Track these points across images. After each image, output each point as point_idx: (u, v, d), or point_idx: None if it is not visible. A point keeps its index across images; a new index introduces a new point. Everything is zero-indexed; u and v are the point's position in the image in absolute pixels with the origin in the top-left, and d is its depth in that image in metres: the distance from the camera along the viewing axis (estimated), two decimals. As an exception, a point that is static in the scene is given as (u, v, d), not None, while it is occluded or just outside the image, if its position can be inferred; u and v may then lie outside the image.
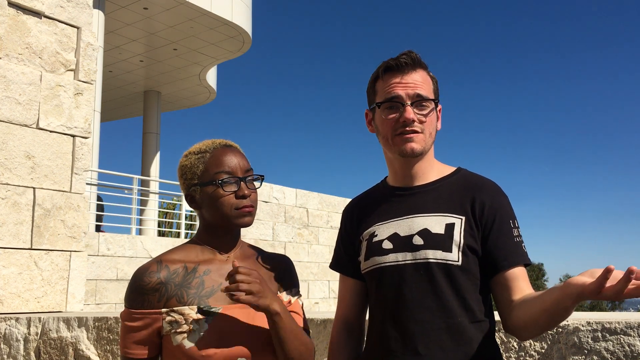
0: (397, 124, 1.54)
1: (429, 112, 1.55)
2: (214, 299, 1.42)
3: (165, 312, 1.39)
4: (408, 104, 1.53)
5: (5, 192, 4.47)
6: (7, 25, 4.58)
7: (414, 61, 1.56)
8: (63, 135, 4.91)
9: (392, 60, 1.57)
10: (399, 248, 1.52)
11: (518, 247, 1.49)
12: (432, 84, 1.60)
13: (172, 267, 1.44)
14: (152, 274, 1.41)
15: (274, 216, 12.37)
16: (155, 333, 1.40)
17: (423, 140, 1.55)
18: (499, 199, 1.54)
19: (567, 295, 1.23)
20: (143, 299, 1.40)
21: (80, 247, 4.96)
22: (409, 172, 1.60)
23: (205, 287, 1.43)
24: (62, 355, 3.79)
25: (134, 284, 1.42)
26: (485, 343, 1.48)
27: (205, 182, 1.46)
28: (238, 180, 1.47)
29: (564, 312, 1.29)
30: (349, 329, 1.69)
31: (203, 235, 1.52)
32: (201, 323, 1.37)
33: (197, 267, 1.46)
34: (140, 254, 9.99)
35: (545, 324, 1.36)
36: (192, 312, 1.38)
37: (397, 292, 1.50)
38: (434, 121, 1.58)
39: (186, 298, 1.40)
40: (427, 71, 1.60)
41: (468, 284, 1.48)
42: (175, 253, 1.49)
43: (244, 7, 17.28)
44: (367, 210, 1.67)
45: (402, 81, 1.55)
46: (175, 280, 1.41)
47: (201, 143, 1.53)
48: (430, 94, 1.57)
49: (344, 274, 1.71)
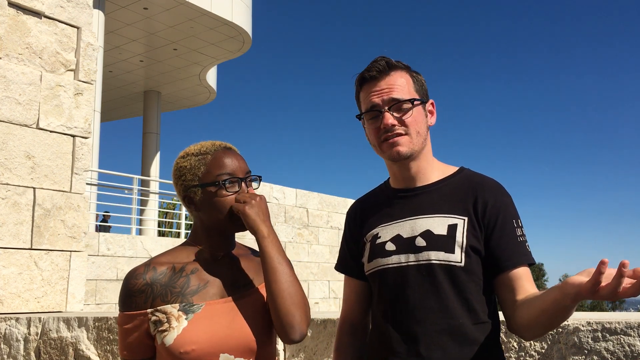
0: (380, 131, 1.55)
1: (408, 113, 1.54)
2: (198, 297, 1.43)
3: (150, 312, 1.40)
4: (385, 110, 1.53)
5: (5, 192, 4.47)
6: (7, 25, 4.58)
7: (385, 66, 1.57)
8: (63, 135, 4.91)
9: (365, 70, 1.59)
10: (401, 250, 1.52)
11: (521, 247, 1.48)
12: (412, 83, 1.58)
13: (160, 268, 1.45)
14: (138, 276, 1.43)
15: (274, 216, 12.37)
16: (145, 334, 1.42)
17: (409, 141, 1.54)
18: (502, 199, 1.54)
19: (565, 295, 1.23)
20: (131, 301, 1.42)
21: (80, 247, 4.96)
22: (408, 174, 1.60)
23: (190, 285, 1.44)
24: (62, 355, 3.79)
25: (123, 287, 1.45)
26: (488, 345, 1.48)
27: (206, 183, 1.47)
28: (239, 180, 1.48)
29: (564, 311, 1.29)
30: (354, 330, 1.69)
31: (199, 237, 1.53)
32: (181, 320, 1.38)
33: (184, 267, 1.47)
34: (140, 254, 9.99)
35: (547, 323, 1.36)
36: (174, 310, 1.39)
37: (399, 293, 1.50)
38: (419, 120, 1.56)
39: (169, 297, 1.41)
40: (405, 71, 1.59)
41: (471, 285, 1.48)
42: (165, 255, 1.51)
43: (244, 7, 17.28)
44: (371, 211, 1.67)
45: (377, 88, 1.56)
46: (161, 281, 1.43)
47: (199, 144, 1.54)
48: (407, 94, 1.55)
49: (349, 275, 1.71)
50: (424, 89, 1.62)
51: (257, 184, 1.55)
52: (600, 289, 1.12)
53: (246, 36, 17.54)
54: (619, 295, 1.10)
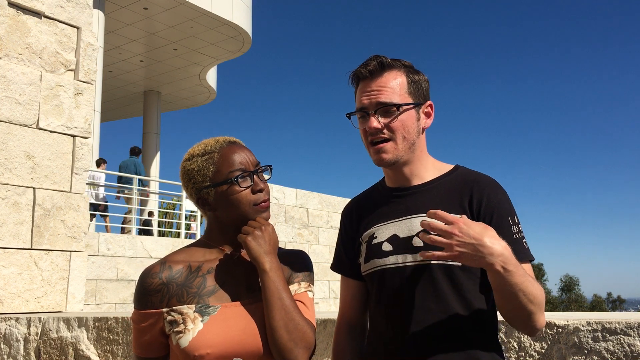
0: (367, 133, 1.54)
1: (395, 117, 1.51)
2: (214, 298, 1.41)
3: (166, 312, 1.39)
4: (371, 113, 1.52)
5: (5, 192, 4.47)
6: (7, 25, 4.58)
7: (377, 66, 1.54)
8: (63, 135, 4.91)
9: (358, 69, 1.57)
10: (399, 250, 1.51)
11: (518, 244, 1.46)
12: (407, 84, 1.54)
13: (176, 267, 1.44)
14: (154, 274, 1.42)
15: (274, 216, 12.37)
16: (160, 333, 1.41)
17: (393, 147, 1.52)
18: (497, 196, 1.52)
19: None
20: (147, 299, 1.41)
21: (80, 247, 4.96)
22: (401, 175, 1.59)
23: (207, 285, 1.42)
24: (62, 355, 3.79)
25: (139, 286, 1.43)
26: (487, 344, 1.47)
27: (218, 182, 1.45)
28: (251, 174, 1.46)
29: (494, 284, 1.33)
30: (351, 330, 1.69)
31: (214, 235, 1.51)
32: (197, 322, 1.37)
33: (200, 267, 1.45)
34: (140, 254, 9.99)
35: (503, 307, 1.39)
36: (190, 311, 1.38)
37: (397, 294, 1.49)
38: (407, 124, 1.53)
39: (186, 297, 1.40)
40: (401, 71, 1.56)
41: (469, 284, 1.47)
42: (181, 253, 1.49)
43: (244, 7, 17.27)
44: (366, 211, 1.66)
45: (368, 89, 1.54)
46: (177, 280, 1.42)
47: (203, 144, 1.51)
48: (397, 97, 1.52)
49: (345, 275, 1.70)
50: (421, 90, 1.57)
51: (269, 174, 1.52)
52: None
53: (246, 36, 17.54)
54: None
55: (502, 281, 1.29)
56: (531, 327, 1.39)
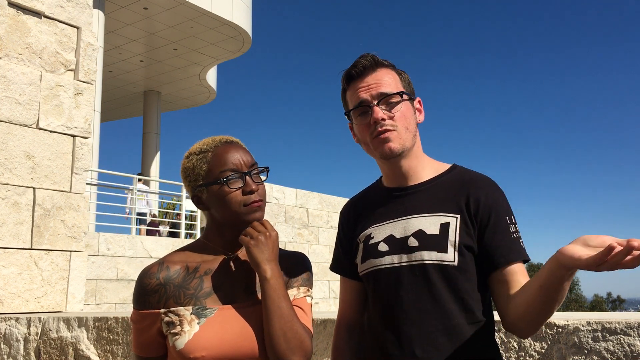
0: (370, 126, 1.54)
1: (397, 107, 1.54)
2: (211, 300, 1.41)
3: (163, 313, 1.39)
4: (374, 104, 1.53)
5: (5, 192, 4.47)
6: (7, 25, 4.58)
7: (372, 62, 1.57)
8: (63, 135, 4.91)
9: (351, 67, 1.58)
10: (394, 250, 1.51)
11: (515, 244, 1.47)
12: (399, 79, 1.59)
13: (173, 268, 1.44)
14: (152, 275, 1.42)
15: (274, 216, 12.37)
16: (158, 333, 1.41)
17: (399, 137, 1.53)
18: (494, 195, 1.52)
19: (560, 265, 1.21)
20: (144, 300, 1.41)
21: (80, 247, 4.96)
22: (399, 172, 1.59)
23: (204, 287, 1.42)
24: (62, 355, 3.79)
25: (137, 286, 1.44)
26: (484, 344, 1.47)
27: (210, 181, 1.45)
28: (243, 175, 1.45)
29: (557, 285, 1.26)
30: (351, 330, 1.69)
31: (211, 235, 1.51)
32: (193, 324, 1.37)
33: (198, 267, 1.45)
34: (140, 254, 9.99)
35: (542, 303, 1.32)
36: (187, 312, 1.38)
37: (393, 294, 1.49)
38: (407, 115, 1.56)
39: (183, 299, 1.40)
40: (390, 68, 1.59)
41: (465, 284, 1.47)
42: (179, 253, 1.49)
43: (244, 7, 17.28)
44: (363, 211, 1.66)
45: (364, 84, 1.55)
46: (175, 281, 1.42)
47: (201, 142, 1.51)
48: (395, 88, 1.55)
49: (344, 276, 1.70)
50: (410, 86, 1.61)
51: (265, 176, 1.51)
52: (603, 265, 1.10)
53: (246, 36, 17.54)
54: (618, 267, 1.09)
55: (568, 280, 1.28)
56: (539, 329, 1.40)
